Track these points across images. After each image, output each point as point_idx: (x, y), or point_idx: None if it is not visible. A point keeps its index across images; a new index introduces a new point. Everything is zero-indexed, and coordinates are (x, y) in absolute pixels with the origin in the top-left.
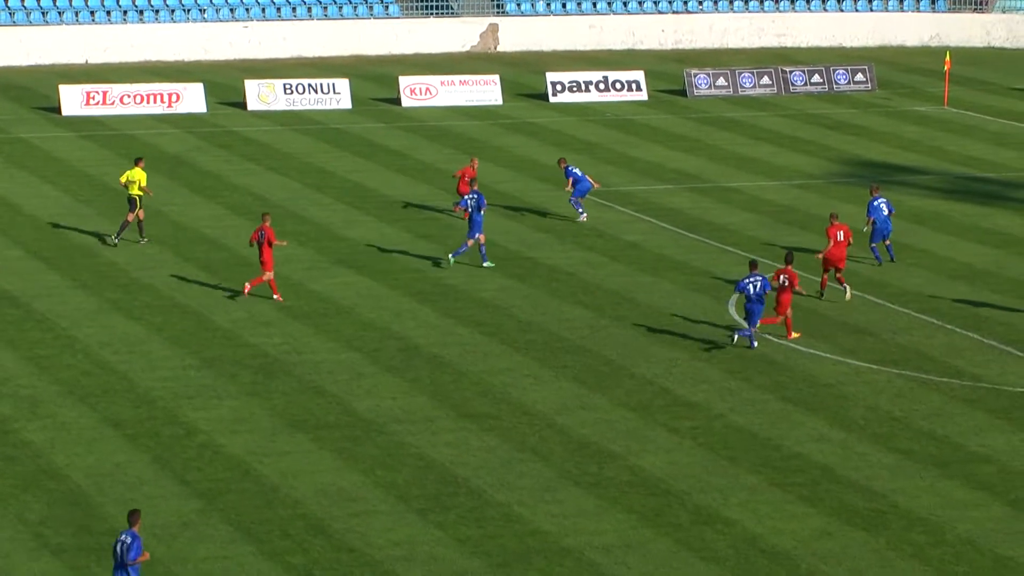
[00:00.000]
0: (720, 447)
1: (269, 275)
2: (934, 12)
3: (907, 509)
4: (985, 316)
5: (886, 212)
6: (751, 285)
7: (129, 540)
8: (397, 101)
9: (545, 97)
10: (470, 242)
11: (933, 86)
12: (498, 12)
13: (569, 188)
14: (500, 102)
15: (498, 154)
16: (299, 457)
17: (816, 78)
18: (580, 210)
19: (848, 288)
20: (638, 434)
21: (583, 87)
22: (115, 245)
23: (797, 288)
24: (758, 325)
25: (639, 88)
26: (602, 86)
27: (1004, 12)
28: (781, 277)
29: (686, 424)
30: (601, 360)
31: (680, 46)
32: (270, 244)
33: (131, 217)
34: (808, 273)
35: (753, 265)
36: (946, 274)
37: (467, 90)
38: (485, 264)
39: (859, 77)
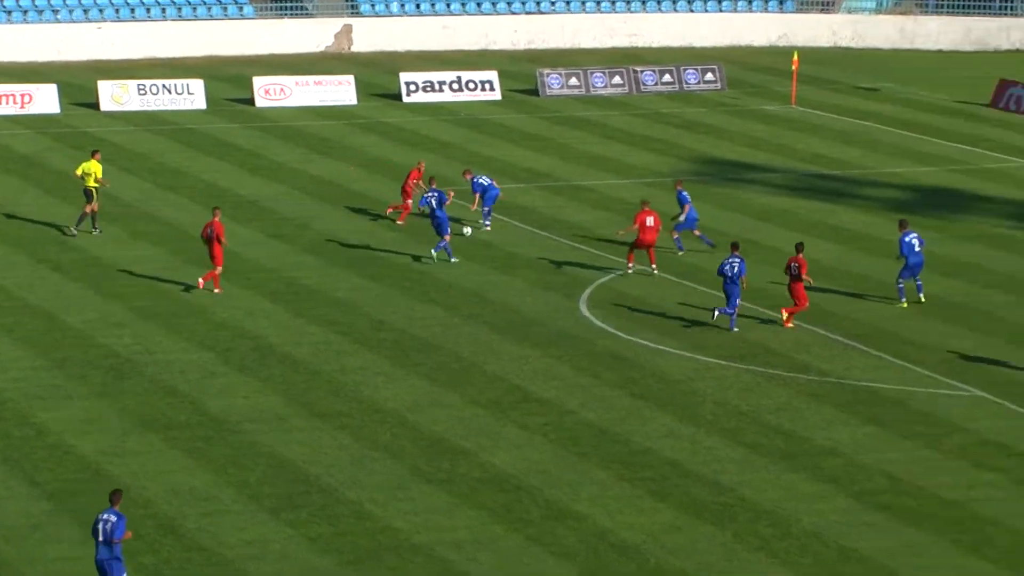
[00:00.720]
0: (570, 443)
1: (219, 269)
2: (782, 13)
3: (754, 502)
4: (830, 311)
5: (689, 201)
6: (728, 266)
7: (114, 519)
8: (251, 101)
9: (399, 97)
10: (447, 237)
11: (781, 85)
12: (352, 13)
13: (475, 207)
14: (354, 102)
15: (352, 154)
16: (150, 457)
17: (667, 78)
18: (487, 221)
19: (655, 268)
20: (489, 431)
21: (436, 87)
22: (74, 236)
23: (804, 277)
24: (738, 306)
25: (492, 88)
26: (455, 86)
27: (850, 13)
28: (792, 265)
29: (537, 420)
30: (453, 358)
31: (532, 46)
32: (219, 240)
33: (88, 208)
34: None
35: (734, 247)
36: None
37: (321, 90)
38: (453, 259)
39: (709, 77)
